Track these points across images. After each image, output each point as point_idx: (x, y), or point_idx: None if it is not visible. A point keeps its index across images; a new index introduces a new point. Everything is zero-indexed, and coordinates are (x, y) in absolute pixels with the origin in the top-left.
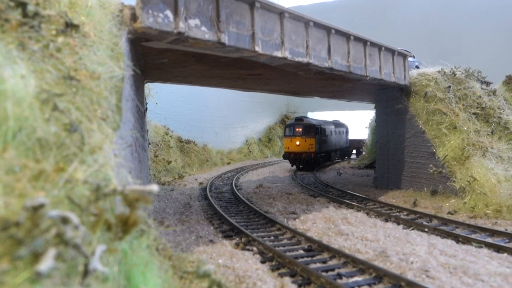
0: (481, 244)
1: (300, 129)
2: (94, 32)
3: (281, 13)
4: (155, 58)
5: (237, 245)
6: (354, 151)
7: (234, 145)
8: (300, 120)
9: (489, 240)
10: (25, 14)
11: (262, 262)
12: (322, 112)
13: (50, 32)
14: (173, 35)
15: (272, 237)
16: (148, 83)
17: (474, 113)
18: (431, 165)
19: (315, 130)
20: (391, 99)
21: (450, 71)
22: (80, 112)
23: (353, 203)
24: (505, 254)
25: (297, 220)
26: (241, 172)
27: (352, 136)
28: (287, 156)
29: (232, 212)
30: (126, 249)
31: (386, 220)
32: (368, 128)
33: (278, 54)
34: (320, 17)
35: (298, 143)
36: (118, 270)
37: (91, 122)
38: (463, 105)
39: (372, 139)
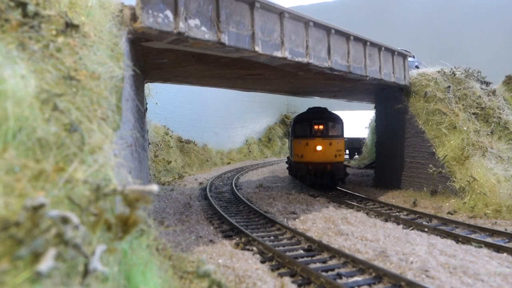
0: (481, 244)
1: (322, 127)
2: (94, 32)
3: (281, 13)
4: (155, 58)
5: (237, 245)
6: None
7: (234, 145)
8: (319, 112)
9: (489, 240)
10: (25, 14)
11: (262, 262)
12: None
13: (50, 32)
14: (173, 35)
15: (272, 237)
16: (148, 83)
17: (473, 113)
18: (431, 165)
19: (342, 128)
20: (391, 99)
21: (450, 71)
22: (80, 112)
23: (353, 203)
24: (505, 254)
25: (297, 220)
26: (241, 172)
27: None
28: (301, 168)
29: (232, 212)
30: (126, 249)
31: (386, 220)
32: (368, 128)
33: (278, 54)
34: (320, 17)
35: (319, 148)
36: (118, 270)
37: (91, 122)
38: (462, 105)
39: (372, 139)
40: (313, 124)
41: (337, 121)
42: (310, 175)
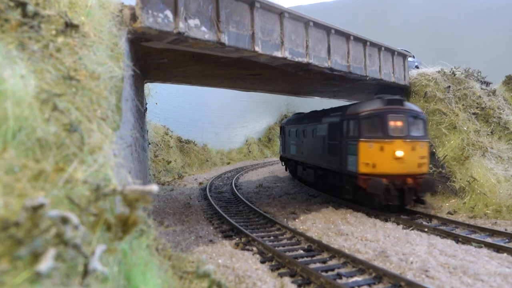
0: (481, 244)
1: (401, 123)
2: (94, 32)
3: (281, 13)
4: (155, 58)
5: (236, 245)
6: None
7: (234, 145)
8: (396, 101)
9: (489, 240)
10: (25, 14)
11: (262, 262)
12: None
13: (50, 32)
14: (173, 35)
15: (271, 237)
16: (148, 83)
17: (473, 113)
18: (431, 165)
19: (426, 126)
20: None
21: (450, 71)
22: (80, 112)
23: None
24: (505, 254)
25: (296, 220)
26: (241, 172)
27: None
28: (377, 184)
29: (232, 212)
30: (126, 249)
31: (386, 220)
32: None
33: (278, 54)
34: (320, 17)
35: (400, 153)
36: (118, 270)
37: (91, 122)
38: (462, 105)
39: None
40: (388, 120)
41: (420, 115)
42: (390, 193)
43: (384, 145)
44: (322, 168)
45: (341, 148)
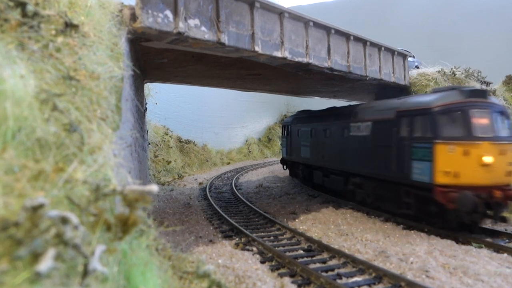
0: (481, 244)
1: (487, 121)
2: (94, 32)
3: (280, 13)
4: (155, 58)
5: (236, 245)
6: None
7: (234, 145)
8: (479, 94)
9: (489, 240)
10: (24, 14)
11: (262, 262)
12: None
13: (49, 32)
14: (173, 35)
15: (271, 237)
16: (148, 83)
17: None
18: None
19: (510, 123)
20: None
21: (450, 71)
22: (79, 112)
23: (353, 203)
24: (505, 255)
25: (296, 220)
26: (240, 172)
27: None
28: (466, 199)
29: (231, 212)
30: (126, 249)
31: (386, 220)
32: None
33: (278, 54)
34: (320, 17)
35: (489, 159)
36: (117, 270)
37: (91, 122)
38: None
39: None
40: (473, 116)
41: (505, 111)
42: (478, 208)
43: (469, 148)
44: (359, 175)
45: (399, 152)
